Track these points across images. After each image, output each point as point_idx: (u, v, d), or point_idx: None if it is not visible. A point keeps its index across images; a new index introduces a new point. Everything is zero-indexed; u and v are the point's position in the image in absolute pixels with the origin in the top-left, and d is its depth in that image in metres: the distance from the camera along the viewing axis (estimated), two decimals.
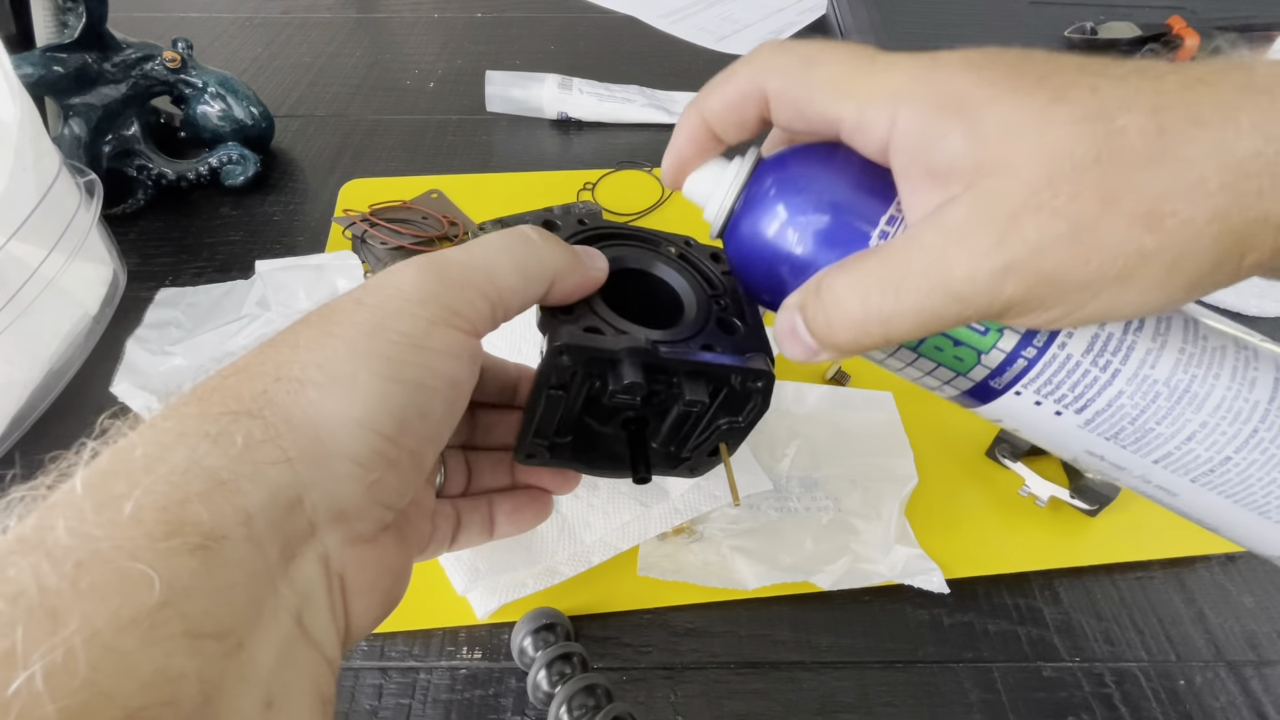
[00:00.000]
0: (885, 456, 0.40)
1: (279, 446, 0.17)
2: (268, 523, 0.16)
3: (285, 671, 0.16)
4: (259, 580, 0.16)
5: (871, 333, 0.19)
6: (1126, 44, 0.60)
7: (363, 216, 0.50)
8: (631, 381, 0.22)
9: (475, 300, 0.20)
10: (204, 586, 0.14)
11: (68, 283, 0.43)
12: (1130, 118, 0.16)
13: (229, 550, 0.15)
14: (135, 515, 0.14)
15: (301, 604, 0.17)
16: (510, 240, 0.22)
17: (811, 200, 0.21)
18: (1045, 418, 0.21)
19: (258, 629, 0.15)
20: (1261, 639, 0.35)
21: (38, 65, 0.49)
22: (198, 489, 0.15)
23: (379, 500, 0.19)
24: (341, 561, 0.18)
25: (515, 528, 0.28)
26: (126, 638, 0.13)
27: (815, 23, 0.83)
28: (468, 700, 0.32)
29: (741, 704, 0.32)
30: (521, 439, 0.25)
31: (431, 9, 0.85)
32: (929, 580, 0.35)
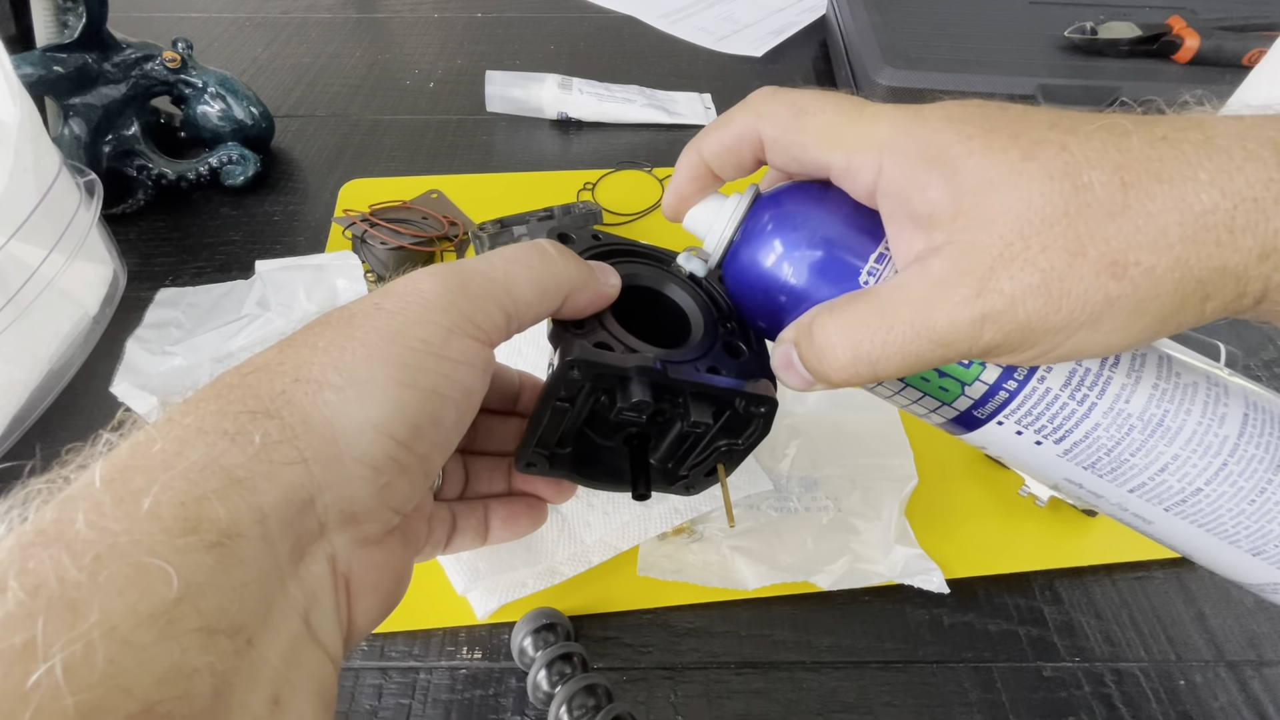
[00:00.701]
0: (885, 456, 0.40)
1: (295, 447, 0.17)
2: (280, 522, 0.16)
3: (292, 670, 0.16)
4: (270, 578, 0.16)
5: (861, 373, 0.20)
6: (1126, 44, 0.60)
7: (363, 216, 0.50)
8: (639, 400, 0.22)
9: (493, 311, 0.21)
10: (219, 583, 0.15)
11: (68, 283, 0.43)
12: (1096, 174, 0.17)
13: (244, 548, 0.15)
14: (153, 511, 0.15)
15: (309, 604, 0.17)
16: (529, 254, 0.22)
17: (805, 236, 0.23)
18: (1026, 447, 0.22)
19: (268, 627, 0.16)
20: (1261, 639, 0.35)
21: (38, 65, 0.49)
22: (215, 486, 0.15)
23: (388, 504, 0.19)
24: (348, 562, 0.19)
25: (509, 534, 0.28)
26: (144, 632, 0.13)
27: (815, 23, 0.83)
28: (468, 700, 0.32)
29: (741, 704, 0.32)
30: (523, 448, 0.25)
31: (431, 9, 0.85)
32: (929, 580, 0.35)
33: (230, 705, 0.14)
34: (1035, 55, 0.61)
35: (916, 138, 0.19)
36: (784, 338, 0.22)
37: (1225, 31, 0.60)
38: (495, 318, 0.21)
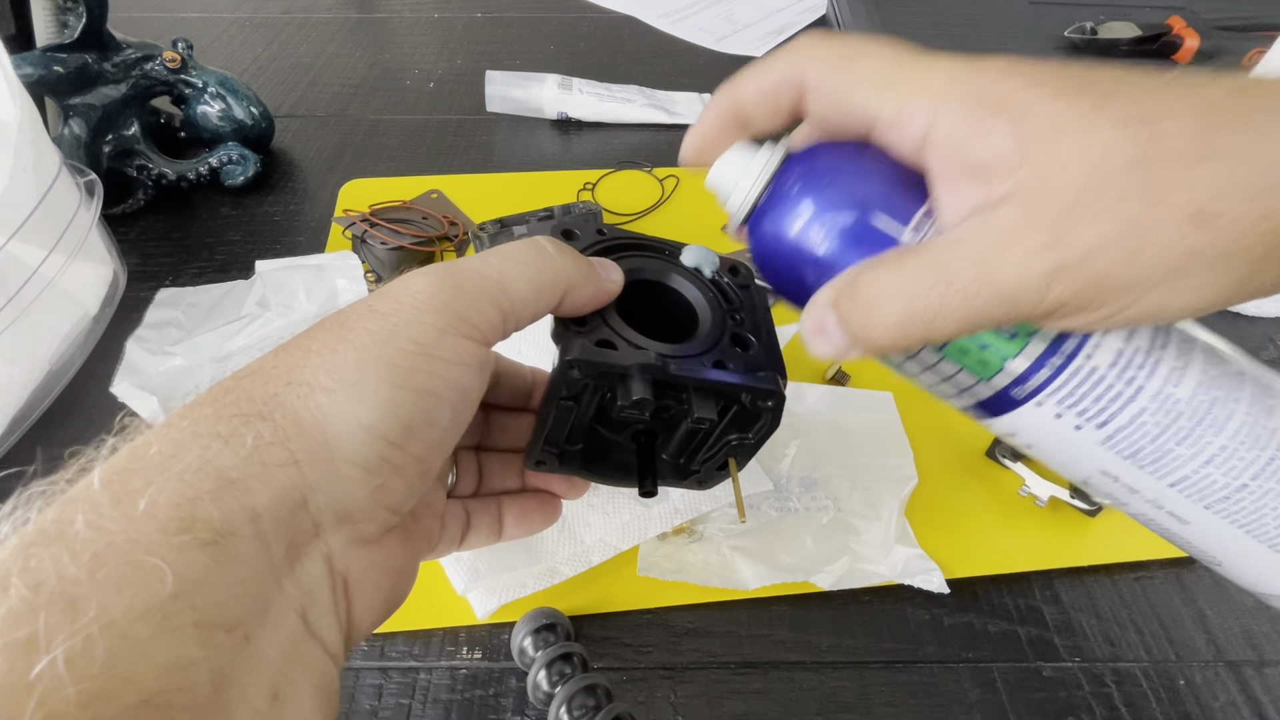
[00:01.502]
0: (885, 456, 0.40)
1: (287, 449, 0.17)
2: (274, 521, 0.17)
3: (290, 665, 0.16)
4: (265, 576, 0.16)
5: (912, 333, 0.19)
6: (1126, 44, 0.60)
7: (363, 216, 0.50)
8: (640, 398, 0.22)
9: (488, 310, 0.20)
10: (214, 580, 0.15)
11: (68, 283, 0.43)
12: (1174, 122, 0.16)
13: (237, 546, 0.16)
14: (149, 511, 0.15)
15: (306, 601, 0.17)
16: (525, 251, 0.22)
17: (843, 195, 0.21)
18: (1064, 432, 0.21)
19: (265, 623, 0.16)
20: (1261, 639, 0.35)
21: (38, 65, 0.49)
22: (209, 487, 0.16)
23: (384, 504, 0.19)
24: (345, 562, 0.19)
25: (523, 530, 0.28)
26: (141, 626, 0.14)
27: (815, 23, 0.83)
28: (468, 700, 0.32)
29: (741, 704, 0.32)
30: (532, 446, 0.25)
31: (431, 9, 0.85)
32: (929, 580, 0.35)
33: (230, 699, 0.15)
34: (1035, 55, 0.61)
35: (977, 85, 0.18)
36: (820, 300, 0.21)
37: (1225, 31, 0.60)
38: (490, 316, 0.20)
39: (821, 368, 0.45)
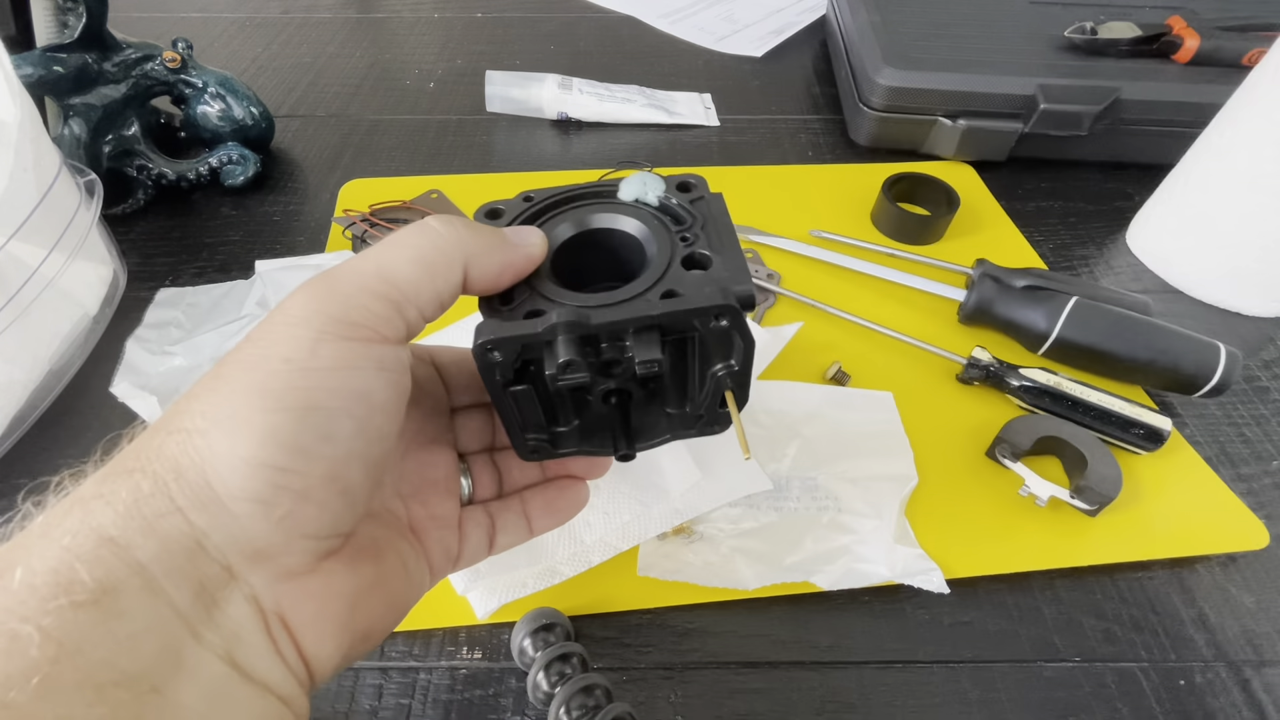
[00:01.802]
0: (885, 456, 0.40)
1: (167, 497, 0.17)
2: (166, 571, 0.16)
3: (219, 710, 0.16)
4: (168, 626, 0.16)
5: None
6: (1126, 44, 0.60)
7: (363, 216, 0.50)
8: (566, 359, 0.20)
9: (370, 304, 0.19)
10: (99, 637, 0.15)
11: (68, 283, 0.43)
12: None
13: (123, 601, 0.15)
14: (26, 580, 0.15)
15: (230, 645, 0.17)
16: (407, 234, 0.21)
17: None
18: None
19: (180, 673, 0.16)
20: (1261, 639, 0.35)
21: (38, 65, 0.49)
22: (87, 548, 0.16)
23: (298, 532, 0.18)
24: (275, 599, 0.18)
25: (552, 520, 0.27)
26: (19, 692, 0.14)
27: (815, 23, 0.83)
28: (468, 700, 0.32)
29: (741, 704, 0.32)
30: (514, 441, 0.24)
31: (431, 9, 0.85)
32: (929, 580, 0.35)
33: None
34: (1035, 55, 0.61)
35: None
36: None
37: (1225, 31, 0.60)
38: (375, 308, 0.19)
39: (822, 367, 0.45)
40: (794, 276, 0.51)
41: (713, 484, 0.37)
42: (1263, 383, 0.47)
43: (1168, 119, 0.58)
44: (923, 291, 0.49)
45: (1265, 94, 0.46)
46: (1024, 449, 0.40)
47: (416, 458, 0.25)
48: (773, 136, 0.66)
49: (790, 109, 0.70)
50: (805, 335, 0.47)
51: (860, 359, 0.45)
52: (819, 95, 0.72)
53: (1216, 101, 0.50)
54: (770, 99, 0.71)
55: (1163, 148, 0.57)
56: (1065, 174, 0.62)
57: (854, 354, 0.46)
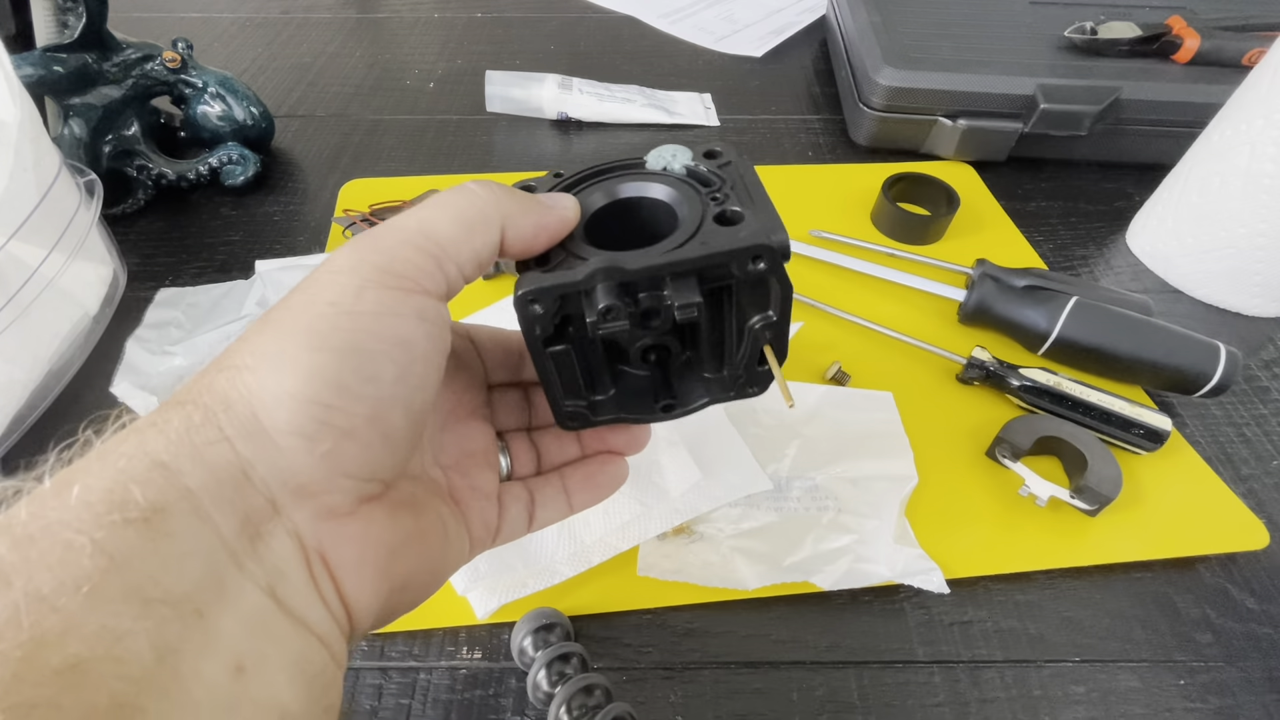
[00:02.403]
0: (885, 456, 0.40)
1: (216, 427, 0.17)
2: (214, 499, 0.17)
3: (257, 641, 0.16)
4: (214, 553, 0.16)
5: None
6: (1126, 44, 0.60)
7: (363, 216, 0.50)
8: (606, 305, 0.20)
9: (413, 257, 0.20)
10: (147, 554, 0.15)
11: (68, 283, 0.43)
12: None
13: (172, 523, 0.16)
14: (82, 497, 0.15)
15: (273, 579, 0.17)
16: (447, 195, 0.21)
17: None
18: None
19: (222, 601, 0.16)
20: (1262, 639, 0.35)
21: (38, 65, 0.49)
22: (139, 469, 0.16)
23: (340, 471, 0.18)
24: (317, 538, 0.18)
25: (592, 496, 0.27)
26: (68, 600, 0.14)
27: (815, 23, 0.83)
28: (468, 700, 0.32)
29: (741, 704, 0.32)
30: (554, 406, 0.24)
31: (431, 9, 0.85)
32: (929, 580, 0.35)
33: (181, 671, 0.15)
34: (1035, 55, 0.61)
35: None
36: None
37: (1225, 31, 0.60)
38: (417, 261, 0.20)
39: (821, 367, 0.45)
40: (794, 276, 0.51)
41: (713, 484, 0.37)
42: (1263, 383, 0.47)
43: (1168, 119, 0.58)
44: (923, 291, 0.49)
45: (1265, 94, 0.46)
46: (1024, 449, 0.40)
47: (455, 430, 0.25)
48: (773, 136, 0.66)
49: (790, 109, 0.70)
50: (805, 335, 0.47)
51: (860, 359, 0.45)
52: (819, 95, 0.72)
53: (1216, 101, 0.50)
54: (770, 99, 0.71)
55: (1163, 148, 0.57)
56: (1065, 174, 0.62)
57: (854, 354, 0.46)
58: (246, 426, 0.17)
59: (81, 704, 0.13)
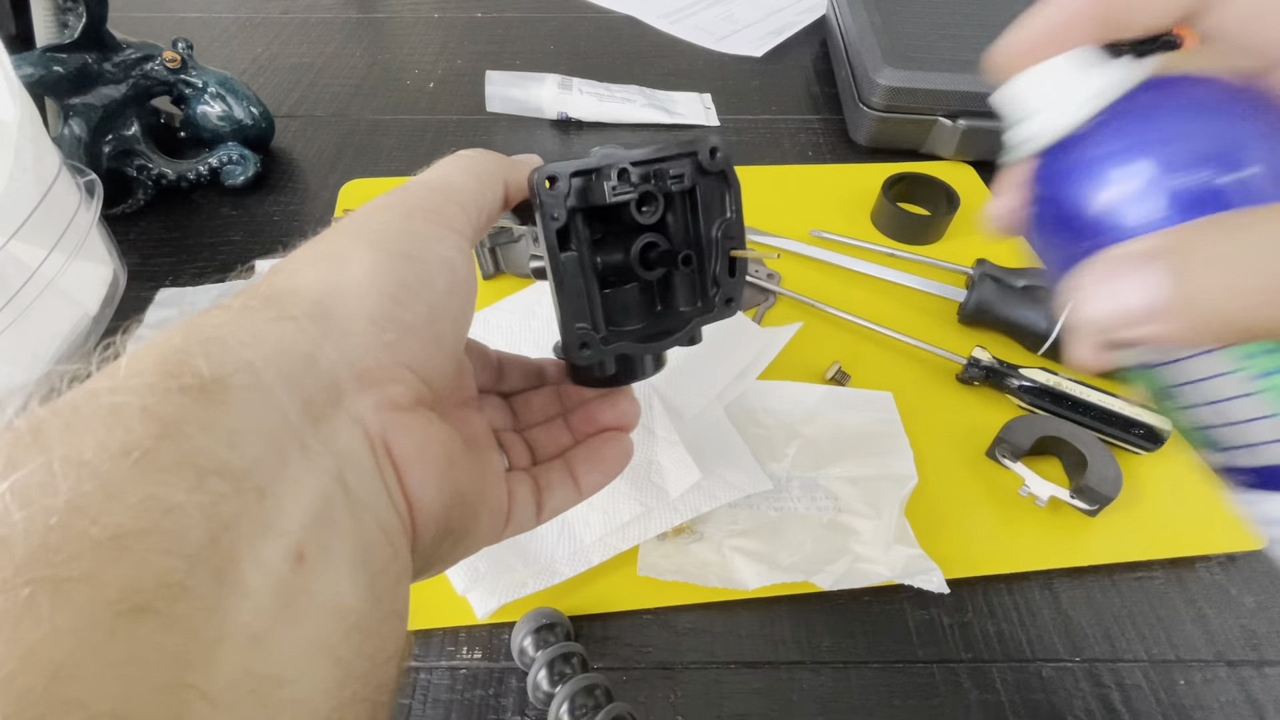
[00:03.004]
0: (885, 456, 0.40)
1: (279, 309, 0.17)
2: (279, 374, 0.15)
3: (323, 529, 0.15)
4: (277, 430, 0.15)
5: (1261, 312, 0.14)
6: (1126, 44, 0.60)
7: None
8: (622, 168, 0.24)
9: (439, 200, 0.21)
10: (204, 423, 0.14)
11: (68, 283, 0.43)
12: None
13: (230, 394, 0.15)
14: (132, 367, 0.14)
15: (342, 464, 0.16)
16: (453, 158, 0.24)
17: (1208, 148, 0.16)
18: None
19: (284, 480, 0.15)
20: (1261, 639, 0.35)
21: (38, 65, 0.49)
22: (195, 341, 0.15)
23: (402, 361, 0.18)
24: (381, 425, 0.18)
25: (601, 474, 0.27)
26: (114, 465, 0.12)
27: (815, 23, 0.83)
28: (468, 700, 0.32)
29: (741, 704, 0.32)
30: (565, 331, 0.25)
31: (431, 9, 0.85)
32: (929, 580, 0.35)
33: (236, 553, 0.13)
34: None
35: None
36: (1135, 248, 0.16)
37: None
38: (446, 206, 0.21)
39: (821, 368, 0.45)
40: (794, 277, 0.51)
41: (713, 484, 0.37)
42: None
43: None
44: (923, 291, 0.49)
45: None
46: (1024, 449, 0.40)
47: (454, 414, 0.25)
48: (773, 136, 0.66)
49: (790, 109, 0.70)
50: (805, 335, 0.47)
51: (860, 359, 0.45)
52: (819, 95, 0.72)
53: None
54: (770, 99, 0.71)
55: None
56: None
57: (854, 354, 0.46)
58: (312, 310, 0.17)
59: (122, 580, 0.12)
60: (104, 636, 0.11)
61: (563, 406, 0.29)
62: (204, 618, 0.12)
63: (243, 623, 0.13)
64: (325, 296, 0.17)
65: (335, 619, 0.15)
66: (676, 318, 0.27)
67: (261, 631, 0.13)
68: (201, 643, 0.12)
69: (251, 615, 0.13)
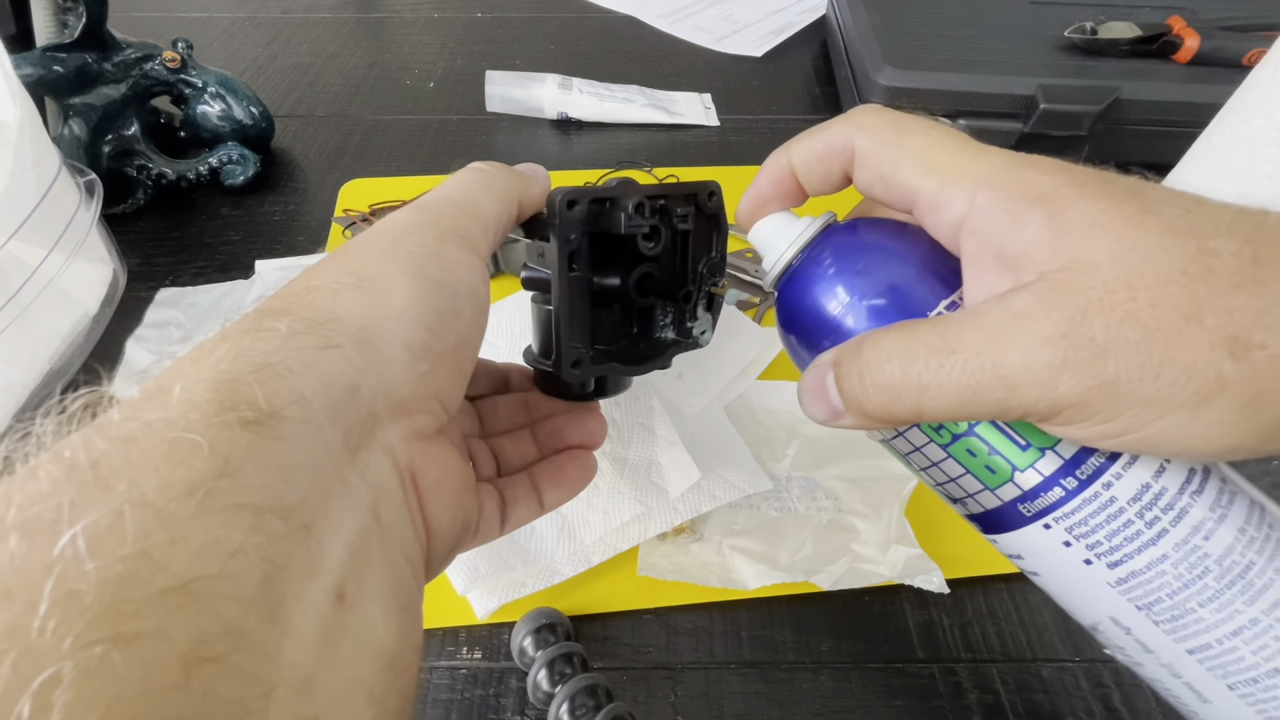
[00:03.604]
0: (885, 456, 0.40)
1: (324, 335, 0.17)
2: (325, 406, 0.15)
3: (360, 565, 0.15)
4: (322, 465, 0.15)
5: (905, 401, 0.18)
6: (1126, 44, 0.60)
7: (363, 216, 0.50)
8: (639, 201, 0.25)
9: (467, 223, 0.22)
10: (261, 461, 0.14)
11: (68, 283, 0.43)
12: (1225, 242, 0.15)
13: (285, 428, 0.14)
14: (185, 396, 0.14)
15: (376, 496, 0.16)
16: (470, 174, 0.24)
17: (874, 273, 0.21)
18: (1072, 564, 0.19)
19: (327, 516, 0.15)
20: None
21: (38, 65, 0.49)
22: (246, 371, 0.15)
23: (432, 392, 0.19)
24: (408, 456, 0.18)
25: (563, 491, 0.27)
26: (179, 506, 0.12)
27: (815, 23, 0.83)
28: (468, 700, 0.32)
29: (741, 704, 0.32)
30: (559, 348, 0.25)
31: (431, 9, 0.85)
32: (929, 580, 0.35)
33: (285, 594, 0.13)
34: (1035, 55, 0.61)
35: (1021, 178, 0.18)
36: (822, 360, 0.21)
37: (1225, 31, 0.60)
38: (472, 229, 0.22)
39: None
40: None
41: (713, 484, 0.37)
42: None
43: (1168, 119, 0.58)
44: None
45: (1265, 94, 0.46)
46: None
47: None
48: (773, 136, 0.66)
49: (790, 109, 0.70)
50: None
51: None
52: (819, 95, 0.72)
53: (1216, 101, 0.50)
54: (770, 99, 0.71)
55: (1163, 148, 0.57)
56: None
57: None
58: (356, 337, 0.17)
59: (191, 632, 0.11)
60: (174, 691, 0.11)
61: (530, 416, 0.29)
62: (259, 663, 0.12)
63: (292, 664, 0.13)
64: (369, 324, 0.17)
65: (371, 657, 0.15)
66: (652, 343, 0.29)
67: (309, 674, 0.13)
68: (258, 689, 0.12)
69: (299, 656, 0.13)
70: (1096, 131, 0.58)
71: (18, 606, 0.11)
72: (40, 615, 0.11)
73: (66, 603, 0.11)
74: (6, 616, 0.11)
